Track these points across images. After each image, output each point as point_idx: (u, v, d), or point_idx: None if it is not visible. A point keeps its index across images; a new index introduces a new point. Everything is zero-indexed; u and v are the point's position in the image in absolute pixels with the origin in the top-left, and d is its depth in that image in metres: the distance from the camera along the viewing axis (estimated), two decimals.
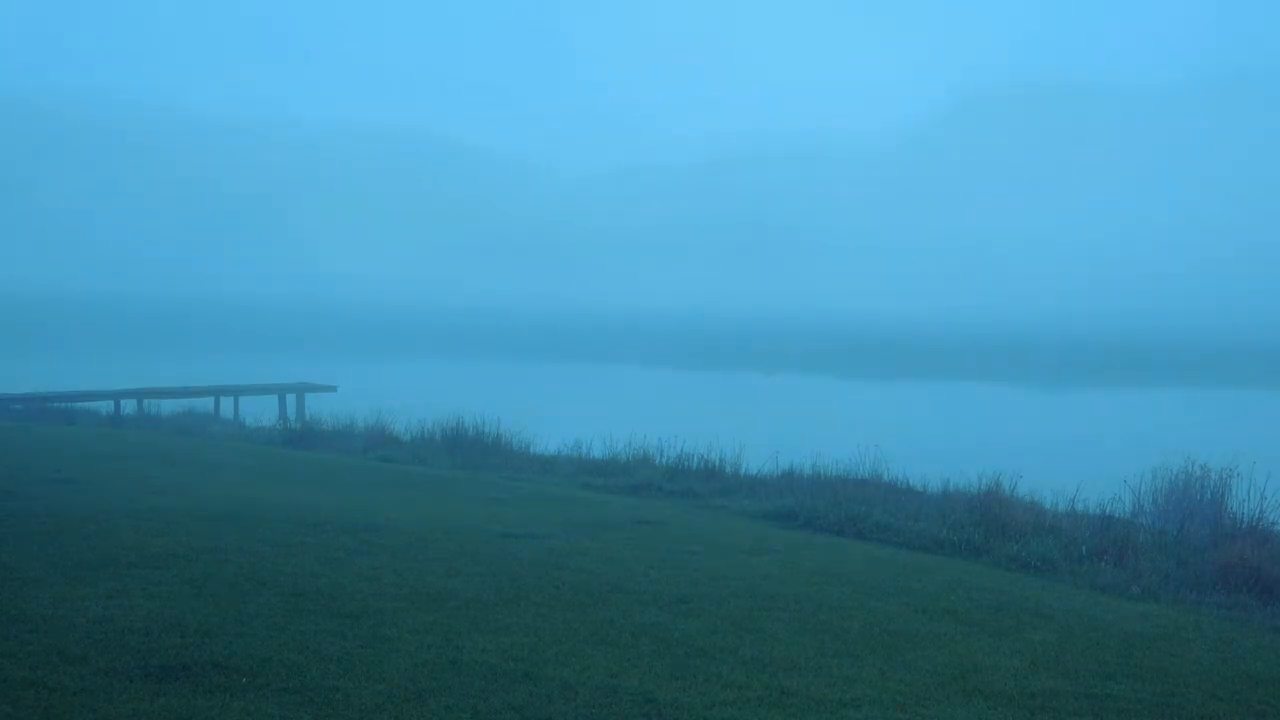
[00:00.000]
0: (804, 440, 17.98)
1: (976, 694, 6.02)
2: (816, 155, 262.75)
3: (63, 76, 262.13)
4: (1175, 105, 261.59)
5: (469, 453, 17.39)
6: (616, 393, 45.93)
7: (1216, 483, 13.57)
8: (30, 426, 19.86)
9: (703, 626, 7.02)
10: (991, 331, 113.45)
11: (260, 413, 26.96)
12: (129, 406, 26.39)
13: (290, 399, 29.80)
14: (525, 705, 5.34)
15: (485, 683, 5.62)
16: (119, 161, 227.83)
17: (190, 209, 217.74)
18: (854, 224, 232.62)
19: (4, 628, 5.96)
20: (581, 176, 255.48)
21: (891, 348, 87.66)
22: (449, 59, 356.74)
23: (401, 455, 17.29)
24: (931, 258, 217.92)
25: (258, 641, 5.99)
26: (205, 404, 28.24)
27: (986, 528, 11.15)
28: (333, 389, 30.69)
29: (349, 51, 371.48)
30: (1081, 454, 25.09)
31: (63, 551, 7.92)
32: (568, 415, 29.64)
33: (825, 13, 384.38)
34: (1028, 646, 7.09)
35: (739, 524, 11.73)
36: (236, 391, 29.26)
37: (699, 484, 14.67)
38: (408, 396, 28.48)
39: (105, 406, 26.63)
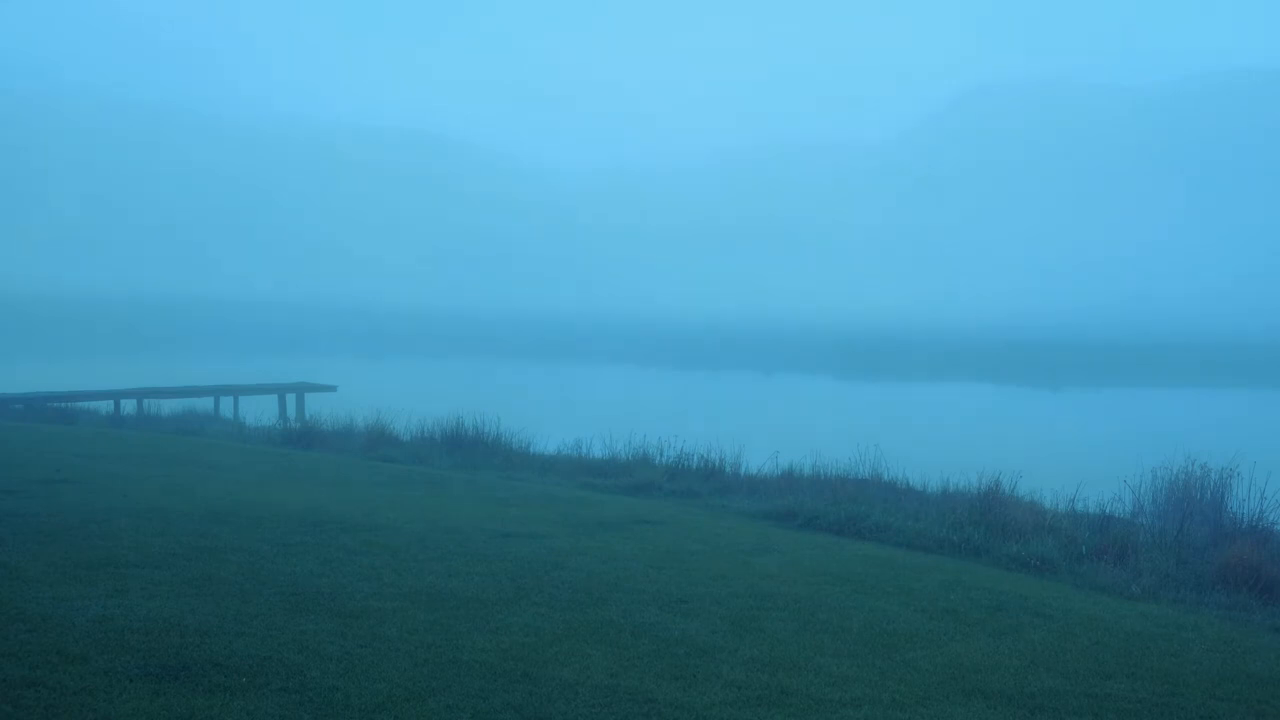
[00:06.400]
0: (804, 440, 17.98)
1: (976, 694, 6.03)
2: (811, 157, 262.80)
3: (64, 75, 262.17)
4: (1171, 108, 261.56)
5: (469, 453, 17.38)
6: (616, 393, 45.95)
7: (1216, 483, 13.58)
8: (30, 426, 19.85)
9: (703, 626, 7.02)
10: (991, 332, 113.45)
11: (260, 413, 26.93)
12: (129, 406, 26.39)
13: (290, 399, 29.80)
14: (525, 705, 5.34)
15: (485, 682, 5.62)
16: (120, 162, 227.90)
17: (191, 209, 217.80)
18: (850, 226, 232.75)
19: (4, 627, 5.96)
20: (580, 176, 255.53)
21: (891, 347, 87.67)
22: (445, 57, 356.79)
23: (401, 455, 17.28)
24: (929, 258, 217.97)
25: (258, 641, 5.99)
26: (205, 404, 28.23)
27: (986, 528, 11.15)
28: (333, 389, 30.69)
29: (349, 51, 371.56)
30: (1081, 454, 25.10)
31: (63, 551, 7.92)
32: (568, 415, 29.68)
33: (819, 13, 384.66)
34: (1027, 646, 7.09)
35: (739, 524, 11.73)
36: (236, 391, 29.26)
37: (699, 484, 14.66)
38: (408, 396, 28.50)
39: (105, 406, 26.62)
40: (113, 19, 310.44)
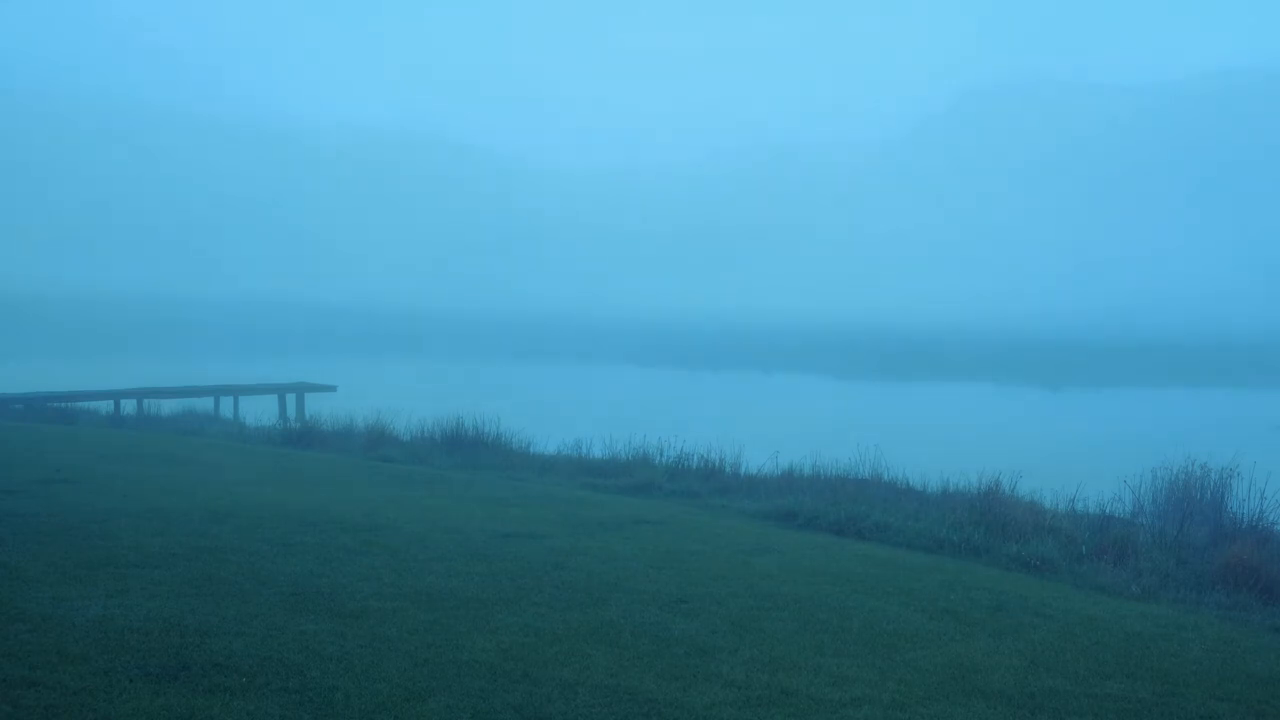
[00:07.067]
0: (804, 440, 17.97)
1: (976, 694, 6.02)
2: (811, 157, 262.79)
3: (63, 76, 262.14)
4: (1174, 108, 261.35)
5: (469, 452, 17.38)
6: (616, 393, 45.91)
7: (1216, 483, 13.59)
8: (30, 426, 19.85)
9: (703, 626, 7.02)
10: (992, 332, 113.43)
11: (260, 413, 26.92)
12: (129, 406, 26.37)
13: (290, 399, 29.79)
14: (525, 705, 5.34)
15: (485, 682, 5.62)
16: (120, 162, 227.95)
17: (191, 210, 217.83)
18: (850, 226, 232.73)
19: (4, 627, 5.96)
20: (580, 177, 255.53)
21: (891, 348, 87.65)
22: (446, 58, 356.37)
23: (401, 455, 17.28)
24: (929, 258, 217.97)
25: (258, 641, 5.99)
26: (205, 404, 28.22)
27: (986, 528, 11.14)
28: (333, 389, 30.69)
29: (347, 50, 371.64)
30: (1081, 454, 25.09)
31: (63, 551, 7.92)
32: (568, 415, 29.65)
33: (812, 17, 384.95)
34: (1027, 646, 7.09)
35: (739, 524, 11.72)
36: (236, 391, 29.25)
37: (699, 484, 14.65)
38: (408, 396, 28.51)
39: (105, 406, 26.61)
40: (111, 20, 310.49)
